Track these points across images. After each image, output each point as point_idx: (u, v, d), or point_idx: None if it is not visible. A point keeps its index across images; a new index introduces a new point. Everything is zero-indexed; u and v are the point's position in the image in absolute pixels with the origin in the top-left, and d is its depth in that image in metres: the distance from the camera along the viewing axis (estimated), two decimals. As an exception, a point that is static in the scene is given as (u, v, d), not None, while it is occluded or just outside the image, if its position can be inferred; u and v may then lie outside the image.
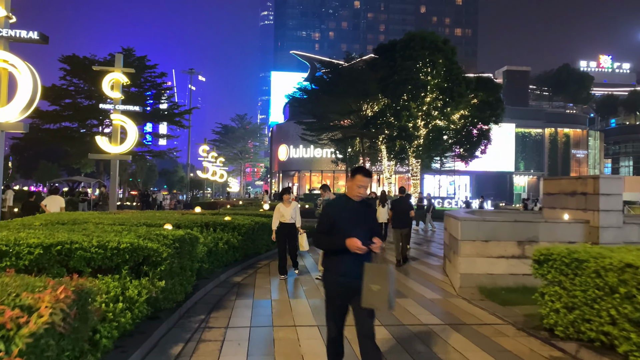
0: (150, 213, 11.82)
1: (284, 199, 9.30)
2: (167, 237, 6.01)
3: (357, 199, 3.84)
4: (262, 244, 11.40)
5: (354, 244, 3.54)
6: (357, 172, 3.92)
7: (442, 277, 9.53)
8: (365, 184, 3.86)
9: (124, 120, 16.19)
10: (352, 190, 3.85)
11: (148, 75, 43.10)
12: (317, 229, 3.93)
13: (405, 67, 37.28)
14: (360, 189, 3.82)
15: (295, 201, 9.34)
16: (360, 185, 3.81)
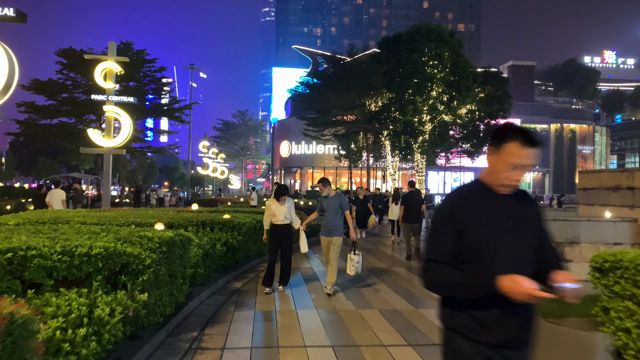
0: (142, 211, 10.88)
1: (280, 199, 7.67)
2: (152, 239, 5.06)
3: (508, 190, 2.01)
4: (265, 245, 10.43)
5: (522, 288, 1.77)
6: (511, 137, 1.94)
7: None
8: (529, 161, 1.95)
9: (117, 112, 15.25)
10: (500, 175, 1.98)
11: (147, 69, 42.19)
12: (427, 252, 2.05)
13: (410, 60, 36.25)
14: (518, 171, 1.95)
15: (290, 199, 7.89)
16: (520, 165, 1.93)
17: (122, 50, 38.07)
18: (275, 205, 7.61)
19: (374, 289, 7.74)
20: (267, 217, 7.72)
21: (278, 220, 7.58)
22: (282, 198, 7.60)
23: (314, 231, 14.25)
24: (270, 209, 7.67)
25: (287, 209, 7.65)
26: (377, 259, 11.29)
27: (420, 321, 5.86)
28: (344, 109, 42.84)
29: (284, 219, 7.62)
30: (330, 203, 7.56)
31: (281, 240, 7.66)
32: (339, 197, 7.63)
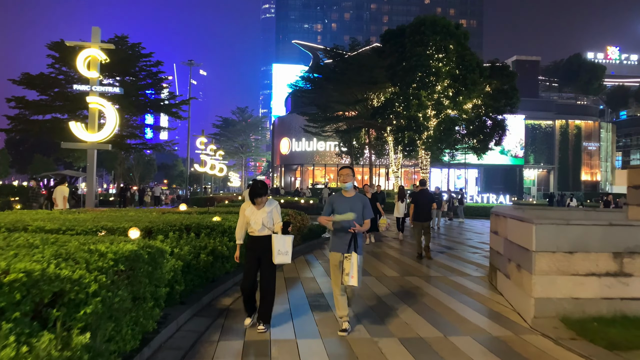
0: (122, 213, 9.65)
1: (258, 203, 5.51)
2: (105, 255, 3.84)
3: None
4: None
5: None
6: None
7: (491, 293, 7.36)
8: None
9: (102, 103, 14.02)
10: None
11: (143, 64, 40.92)
12: None
13: (415, 53, 34.98)
14: None
15: (273, 200, 5.78)
16: None
17: (116, 43, 36.81)
18: (251, 210, 5.52)
19: (389, 308, 6.48)
20: (240, 227, 5.67)
21: (255, 231, 5.48)
22: (259, 200, 5.47)
23: (311, 233, 13.07)
24: (244, 216, 5.59)
25: (268, 214, 5.49)
26: (385, 265, 10.06)
27: (454, 355, 4.63)
28: (346, 104, 41.59)
29: (262, 228, 5.45)
30: (349, 206, 5.38)
31: (261, 257, 5.49)
32: (361, 200, 5.49)
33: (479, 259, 11.31)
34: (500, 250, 7.38)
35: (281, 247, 5.30)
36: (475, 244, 14.38)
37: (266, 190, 5.58)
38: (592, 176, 74.56)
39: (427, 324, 5.68)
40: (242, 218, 5.63)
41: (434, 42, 35.65)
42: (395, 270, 9.41)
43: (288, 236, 5.34)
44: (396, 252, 12.28)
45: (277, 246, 5.29)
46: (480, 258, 11.40)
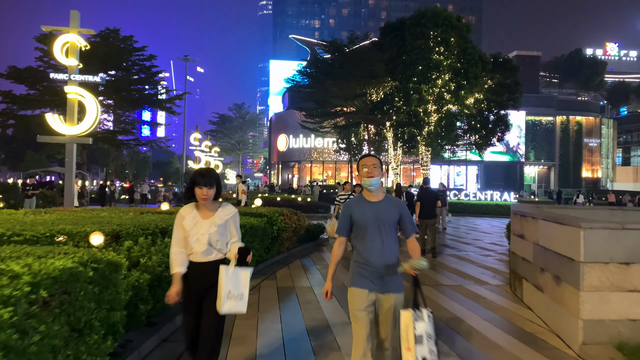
0: (93, 213, 8.57)
1: (201, 200, 3.38)
2: (18, 278, 2.78)
3: None
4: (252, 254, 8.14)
5: None
6: None
7: (517, 307, 6.32)
8: None
9: (81, 94, 12.92)
10: None
11: (136, 58, 39.76)
12: None
13: (415, 47, 33.92)
14: None
15: (229, 205, 3.59)
16: None
17: (107, 36, 35.66)
18: (193, 219, 3.39)
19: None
20: (176, 246, 3.43)
21: (196, 253, 3.35)
22: (203, 196, 3.35)
23: (308, 234, 12.04)
24: (182, 228, 3.42)
25: (219, 228, 3.39)
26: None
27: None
28: (344, 99, 40.49)
29: (208, 249, 3.35)
30: (377, 213, 3.34)
31: (204, 298, 3.37)
32: (396, 206, 3.40)
33: (494, 263, 10.26)
34: (528, 257, 6.32)
35: (233, 288, 3.21)
36: (485, 245, 13.35)
37: (216, 180, 3.39)
38: (593, 173, 73.66)
39: (450, 352, 4.62)
40: (178, 231, 3.40)
41: (435, 34, 34.61)
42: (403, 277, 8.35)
43: (244, 270, 3.26)
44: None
45: (226, 286, 3.19)
46: (495, 262, 10.36)
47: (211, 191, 3.37)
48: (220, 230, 3.39)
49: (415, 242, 3.48)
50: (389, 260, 3.34)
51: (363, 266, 3.34)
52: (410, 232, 3.45)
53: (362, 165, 3.43)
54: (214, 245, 3.36)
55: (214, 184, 3.39)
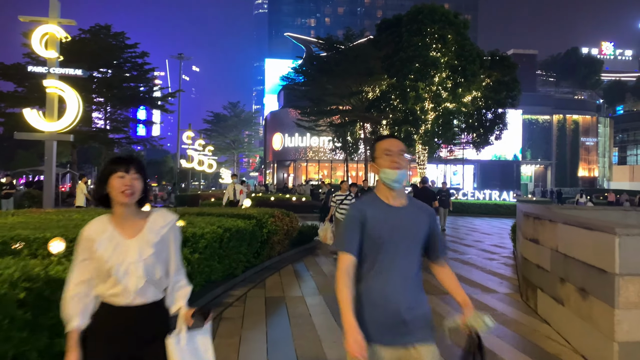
0: (65, 215, 7.87)
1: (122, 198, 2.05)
2: None
3: None
4: (237, 261, 7.48)
5: None
6: None
7: (532, 321, 5.68)
8: None
9: (61, 88, 12.22)
10: None
11: (128, 55, 38.97)
12: None
13: (412, 43, 33.34)
14: None
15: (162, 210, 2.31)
16: None
17: (97, 32, 34.86)
18: (110, 240, 2.07)
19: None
20: (76, 287, 2.06)
21: (126, 294, 2.04)
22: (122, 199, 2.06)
23: (301, 237, 11.36)
24: (94, 259, 2.05)
25: (156, 248, 2.10)
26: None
27: None
28: (340, 97, 39.79)
29: (145, 287, 2.08)
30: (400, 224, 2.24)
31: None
32: (425, 212, 2.35)
33: (499, 267, 9.63)
34: (544, 264, 5.67)
35: None
36: (487, 248, 12.71)
37: (141, 168, 2.15)
38: (590, 172, 73.33)
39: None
40: (84, 266, 2.07)
41: (432, 31, 34.02)
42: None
43: (202, 335, 2.14)
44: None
45: None
46: (500, 266, 9.72)
47: (137, 182, 2.07)
48: (158, 251, 2.10)
49: (452, 272, 2.47)
50: (416, 297, 2.28)
51: (374, 307, 2.17)
52: (441, 254, 2.42)
53: (384, 150, 2.26)
54: (152, 276, 2.07)
55: (140, 171, 2.11)
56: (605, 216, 8.46)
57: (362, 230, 2.20)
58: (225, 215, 8.53)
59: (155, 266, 2.07)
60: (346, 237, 2.20)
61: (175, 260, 2.18)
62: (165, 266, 2.14)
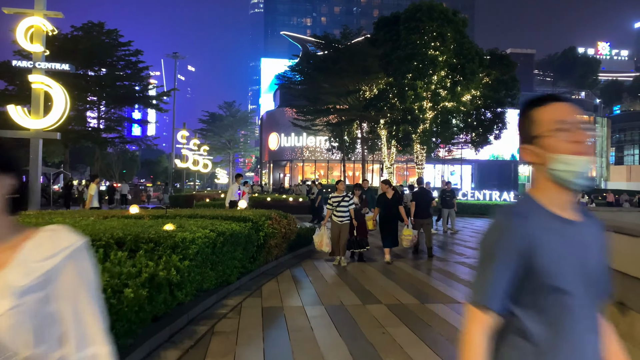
0: (47, 217, 7.32)
1: None
2: None
3: None
4: (231, 267, 6.95)
5: None
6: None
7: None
8: None
9: (48, 84, 11.65)
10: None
11: (122, 54, 38.38)
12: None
13: (410, 41, 32.87)
14: None
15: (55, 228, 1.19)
16: None
17: (89, 29, 34.24)
18: None
19: None
20: None
21: None
22: None
23: (299, 239, 10.86)
24: None
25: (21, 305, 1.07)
26: (392, 282, 7.85)
27: None
28: (337, 96, 39.34)
29: None
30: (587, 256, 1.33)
31: None
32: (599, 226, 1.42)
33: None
34: None
35: None
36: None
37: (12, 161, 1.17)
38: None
39: None
40: None
41: (431, 29, 33.56)
42: (409, 291, 7.18)
43: None
44: (405, 263, 10.04)
45: None
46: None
47: (9, 179, 1.16)
48: (32, 304, 1.09)
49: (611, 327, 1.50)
50: None
51: None
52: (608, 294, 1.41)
53: (556, 122, 1.36)
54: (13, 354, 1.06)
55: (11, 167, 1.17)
56: (619, 217, 8.00)
57: (523, 268, 1.29)
58: (219, 218, 8.01)
59: (20, 332, 1.07)
60: (489, 280, 1.31)
61: (80, 318, 1.15)
62: (53, 331, 1.13)
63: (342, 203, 9.33)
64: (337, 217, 9.34)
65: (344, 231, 9.34)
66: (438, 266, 9.48)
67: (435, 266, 9.49)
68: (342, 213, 9.36)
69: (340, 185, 9.80)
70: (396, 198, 9.95)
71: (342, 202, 9.34)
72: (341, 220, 9.32)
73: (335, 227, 9.39)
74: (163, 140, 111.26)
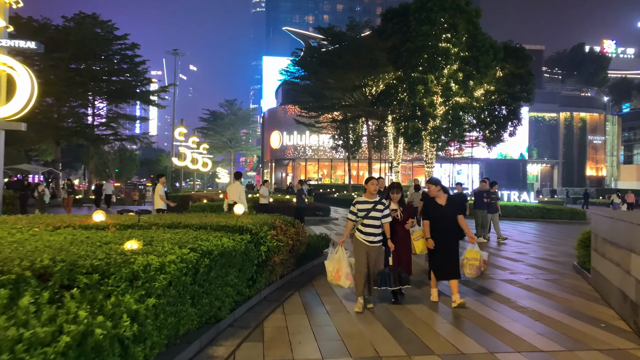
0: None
1: None
2: None
3: None
4: (222, 297, 5.08)
5: None
6: None
7: None
8: None
9: (10, 65, 9.84)
10: None
11: (118, 47, 36.67)
12: None
13: (421, 33, 31.01)
14: None
15: None
16: None
17: (81, 20, 32.45)
18: None
19: None
20: None
21: None
22: None
23: (309, 251, 9.00)
24: None
25: None
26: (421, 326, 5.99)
27: None
28: (343, 91, 37.46)
29: None
30: None
31: None
32: None
33: (571, 293, 7.26)
34: None
35: None
36: (535, 262, 10.38)
37: None
38: (598, 171, 71.19)
39: None
40: None
41: (442, 20, 31.69)
42: (469, 332, 5.31)
43: None
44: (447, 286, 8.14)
45: None
46: (571, 292, 7.35)
47: None
48: None
49: None
50: None
51: None
52: None
53: None
54: None
55: None
56: None
57: None
58: (208, 228, 6.15)
59: None
60: None
61: None
62: None
63: (372, 213, 6.09)
64: (365, 234, 6.08)
65: (374, 257, 6.14)
66: (490, 289, 7.60)
67: (487, 289, 7.61)
68: (372, 229, 6.09)
69: (371, 186, 6.24)
70: (455, 204, 6.68)
71: (374, 210, 6.09)
72: (371, 240, 6.08)
73: (361, 250, 6.09)
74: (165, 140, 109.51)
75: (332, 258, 6.17)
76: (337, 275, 6.09)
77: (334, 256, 6.16)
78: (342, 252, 6.18)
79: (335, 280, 6.14)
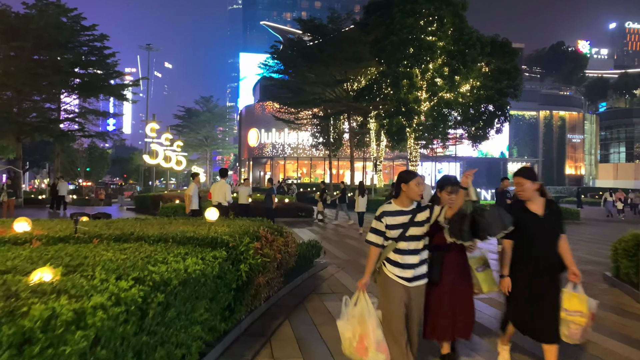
0: None
1: None
2: None
3: None
4: (186, 340, 3.53)
5: None
6: None
7: None
8: None
9: None
10: None
11: (86, 39, 34.48)
12: None
13: (405, 25, 29.78)
14: None
15: None
16: None
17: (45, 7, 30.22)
18: None
19: None
20: None
21: None
22: None
23: (299, 262, 7.43)
24: None
25: None
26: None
27: None
28: (324, 86, 35.97)
29: None
30: None
31: None
32: None
33: (617, 298, 5.93)
34: None
35: None
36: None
37: None
38: (577, 170, 71.40)
39: None
40: None
41: (428, 12, 30.50)
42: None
43: None
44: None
45: None
46: (616, 296, 6.02)
47: None
48: None
49: None
50: None
51: None
52: None
53: None
54: None
55: None
56: None
57: None
58: (170, 241, 4.58)
59: None
60: None
61: None
62: None
63: (412, 229, 3.57)
64: (402, 267, 3.56)
65: (418, 304, 3.66)
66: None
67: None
68: (412, 255, 3.58)
69: (415, 187, 3.57)
70: (557, 215, 3.79)
71: (413, 225, 3.58)
72: (412, 276, 3.58)
73: (397, 292, 3.54)
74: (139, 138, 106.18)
75: (348, 316, 3.46)
76: (361, 346, 3.37)
77: (353, 311, 3.45)
78: (365, 303, 3.44)
79: (357, 354, 3.39)
